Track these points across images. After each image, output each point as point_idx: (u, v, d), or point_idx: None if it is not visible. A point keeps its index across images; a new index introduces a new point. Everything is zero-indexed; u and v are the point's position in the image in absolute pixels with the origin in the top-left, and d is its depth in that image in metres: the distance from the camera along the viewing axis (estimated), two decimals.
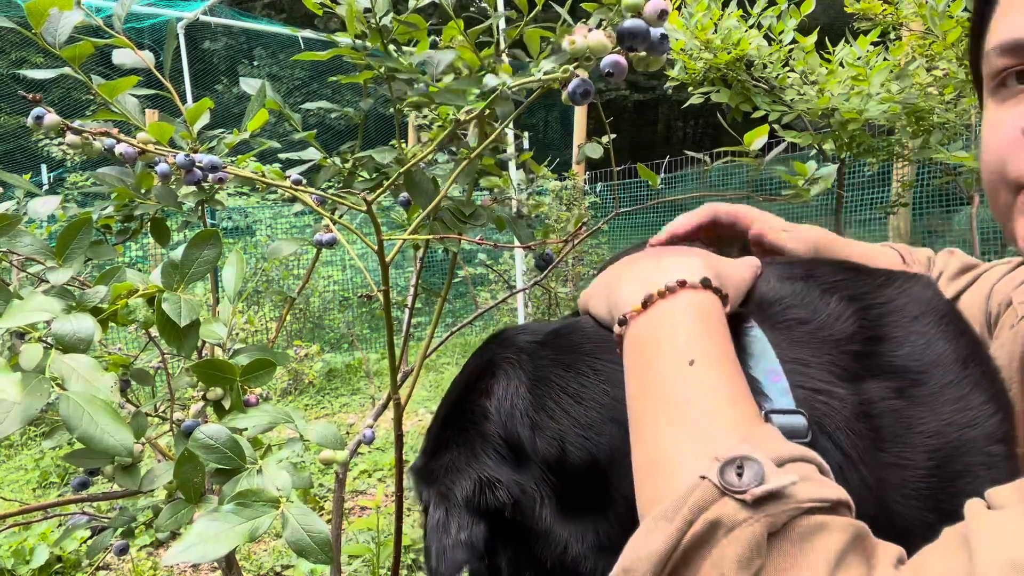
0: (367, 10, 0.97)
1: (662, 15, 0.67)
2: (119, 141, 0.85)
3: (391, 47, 1.02)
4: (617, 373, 0.68)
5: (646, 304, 0.64)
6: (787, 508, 0.48)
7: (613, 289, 0.71)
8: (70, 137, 0.85)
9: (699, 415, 0.56)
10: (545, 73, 0.72)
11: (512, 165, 1.44)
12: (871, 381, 0.69)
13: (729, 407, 0.57)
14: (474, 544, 0.66)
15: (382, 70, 1.02)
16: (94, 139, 0.85)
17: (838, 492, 0.50)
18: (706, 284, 0.65)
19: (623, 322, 0.65)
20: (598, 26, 0.74)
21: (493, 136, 0.86)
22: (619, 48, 0.68)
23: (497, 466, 0.69)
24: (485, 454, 0.70)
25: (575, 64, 0.69)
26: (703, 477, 0.50)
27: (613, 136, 1.37)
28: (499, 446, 0.71)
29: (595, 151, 1.31)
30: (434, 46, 1.06)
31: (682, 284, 0.64)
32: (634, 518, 0.66)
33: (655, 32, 0.68)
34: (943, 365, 0.72)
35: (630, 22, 0.67)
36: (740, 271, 0.76)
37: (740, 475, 0.49)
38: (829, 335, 0.71)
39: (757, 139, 1.16)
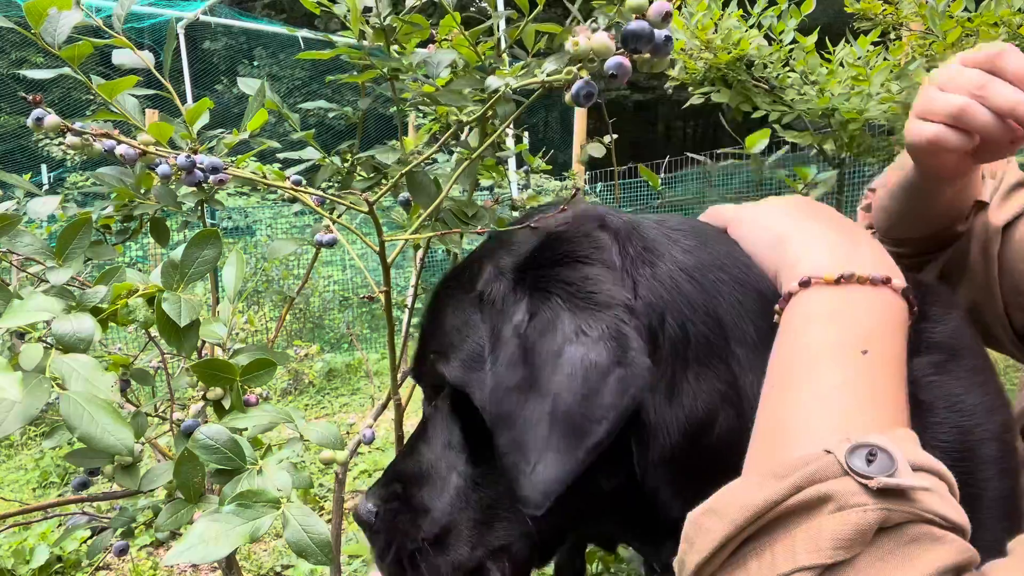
0: (367, 9, 0.97)
1: (666, 17, 0.67)
2: (120, 142, 0.85)
3: (393, 47, 1.02)
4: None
5: (841, 280, 0.63)
6: (908, 510, 0.46)
7: (790, 241, 0.69)
8: (70, 138, 0.85)
9: (849, 400, 0.56)
10: (548, 74, 0.72)
11: (511, 164, 1.44)
12: (915, 358, 0.71)
13: (882, 407, 0.56)
14: None
15: (385, 70, 1.02)
16: (94, 140, 0.85)
17: (961, 517, 0.49)
18: (906, 294, 0.64)
19: (806, 284, 0.64)
20: (604, 28, 0.73)
21: (494, 136, 0.86)
22: (623, 50, 0.68)
23: None
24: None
25: (578, 66, 0.69)
26: (828, 451, 0.49)
27: (615, 136, 1.37)
28: None
29: (598, 150, 1.31)
30: (429, 41, 1.06)
31: (886, 281, 0.63)
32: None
33: (659, 34, 0.68)
34: (973, 349, 0.76)
35: (634, 24, 0.67)
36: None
37: (870, 463, 0.48)
38: None
39: (758, 143, 1.17)
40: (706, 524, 0.52)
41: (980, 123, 0.78)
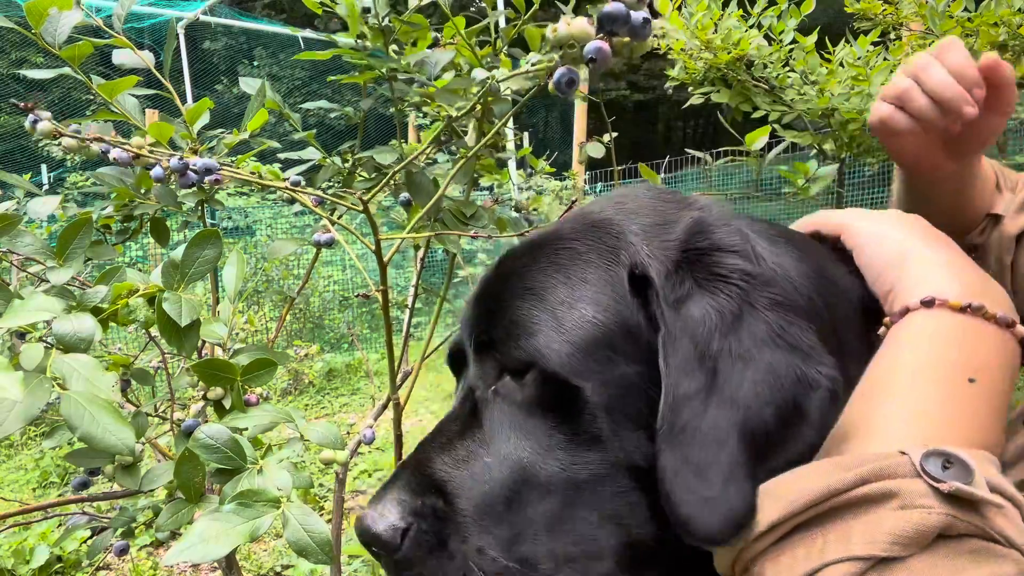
0: (365, 10, 0.97)
1: None
2: (113, 146, 0.85)
3: (392, 47, 1.02)
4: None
5: (967, 309, 0.62)
6: (974, 523, 0.45)
7: (915, 260, 0.68)
8: (67, 140, 0.85)
9: (940, 417, 0.55)
10: (532, 64, 0.73)
11: (512, 164, 1.44)
12: None
13: (972, 431, 0.55)
14: None
15: (384, 70, 1.02)
16: (89, 143, 0.86)
17: None
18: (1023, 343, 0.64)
19: (929, 303, 0.63)
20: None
21: (491, 135, 0.86)
22: (601, 34, 0.68)
23: None
24: None
25: (559, 53, 0.69)
26: (903, 452, 0.49)
27: (615, 135, 1.37)
28: None
29: (597, 150, 1.31)
30: (434, 44, 1.07)
31: (1010, 325, 0.63)
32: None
33: (636, 16, 0.68)
34: None
35: (610, 6, 0.67)
36: None
37: (945, 469, 0.47)
38: None
39: (758, 139, 1.17)
40: (763, 504, 0.51)
41: (916, 104, 0.86)
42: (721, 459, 0.56)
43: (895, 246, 0.70)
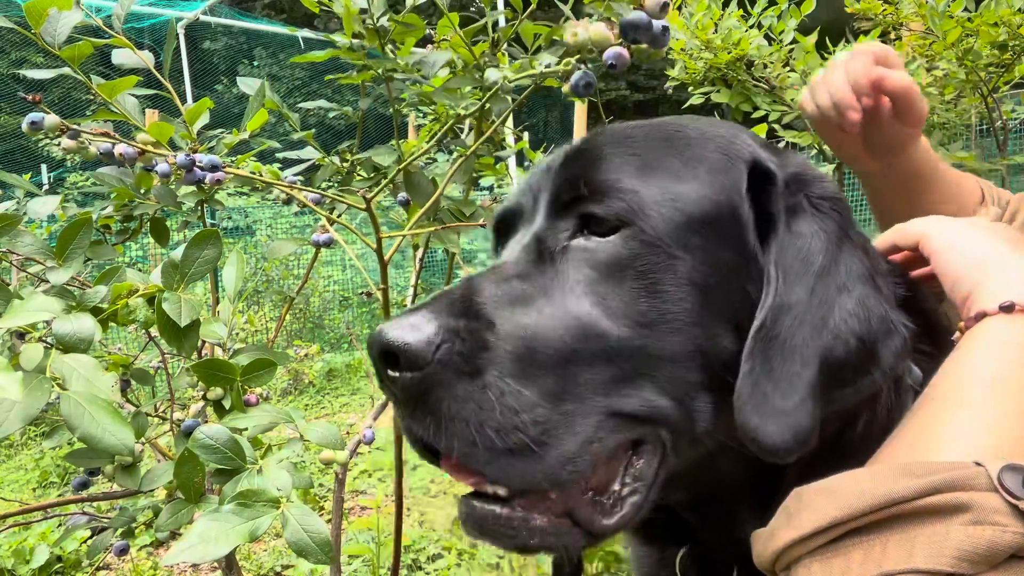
0: (363, 10, 0.97)
1: (664, 7, 0.69)
2: (118, 143, 0.85)
3: (388, 47, 1.02)
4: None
5: None
6: None
7: (995, 264, 0.66)
8: (66, 141, 0.85)
9: (1019, 434, 0.52)
10: (546, 66, 0.73)
11: (512, 162, 1.44)
12: None
13: None
14: None
15: (380, 71, 1.02)
16: (91, 142, 0.86)
17: None
18: None
19: (1008, 308, 0.61)
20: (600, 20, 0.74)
21: (489, 132, 0.86)
22: (621, 40, 0.70)
23: None
24: None
25: (576, 56, 0.70)
26: (978, 464, 0.46)
27: None
28: None
29: None
30: (427, 41, 1.07)
31: None
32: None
33: (657, 24, 0.70)
34: None
35: (633, 14, 0.69)
36: None
37: None
38: None
39: None
40: (816, 502, 0.49)
41: (819, 99, 1.01)
42: (803, 376, 0.57)
43: (976, 251, 0.69)
